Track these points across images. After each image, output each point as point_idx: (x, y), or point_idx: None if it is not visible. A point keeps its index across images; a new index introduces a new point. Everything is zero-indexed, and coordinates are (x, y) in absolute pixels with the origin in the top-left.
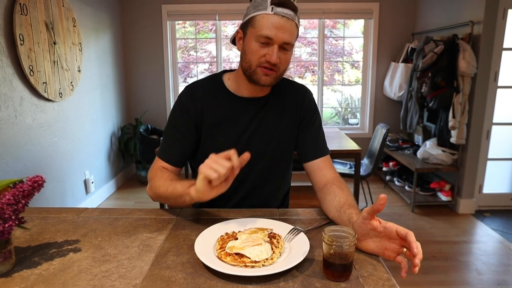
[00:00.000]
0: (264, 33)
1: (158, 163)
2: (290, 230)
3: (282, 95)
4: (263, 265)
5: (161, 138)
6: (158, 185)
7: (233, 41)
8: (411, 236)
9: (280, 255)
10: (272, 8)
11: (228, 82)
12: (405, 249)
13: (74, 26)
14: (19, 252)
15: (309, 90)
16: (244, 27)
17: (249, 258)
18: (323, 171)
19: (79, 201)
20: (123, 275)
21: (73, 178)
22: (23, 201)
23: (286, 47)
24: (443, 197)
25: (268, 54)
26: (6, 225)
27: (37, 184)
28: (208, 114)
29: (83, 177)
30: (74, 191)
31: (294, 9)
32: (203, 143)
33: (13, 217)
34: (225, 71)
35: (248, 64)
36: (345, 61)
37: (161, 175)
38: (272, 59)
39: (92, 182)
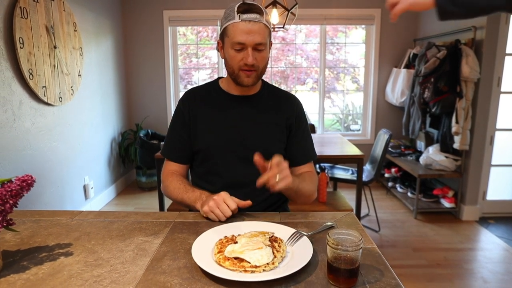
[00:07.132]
0: (236, 40)
1: (167, 166)
2: (292, 234)
3: (274, 96)
4: (263, 270)
5: (161, 143)
6: (170, 191)
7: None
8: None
9: (282, 259)
10: (239, 16)
11: (222, 84)
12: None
13: (75, 30)
14: (8, 256)
15: (298, 99)
16: (221, 37)
17: (249, 263)
18: (302, 170)
19: (78, 206)
20: (115, 280)
21: (72, 183)
22: (11, 201)
23: (259, 48)
24: (447, 204)
25: (244, 57)
26: None
27: (26, 183)
28: (203, 113)
29: (82, 182)
30: (73, 196)
31: (260, 12)
32: (200, 139)
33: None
34: (221, 77)
35: (231, 69)
36: (346, 70)
37: (171, 180)
38: (248, 61)
39: (92, 188)
